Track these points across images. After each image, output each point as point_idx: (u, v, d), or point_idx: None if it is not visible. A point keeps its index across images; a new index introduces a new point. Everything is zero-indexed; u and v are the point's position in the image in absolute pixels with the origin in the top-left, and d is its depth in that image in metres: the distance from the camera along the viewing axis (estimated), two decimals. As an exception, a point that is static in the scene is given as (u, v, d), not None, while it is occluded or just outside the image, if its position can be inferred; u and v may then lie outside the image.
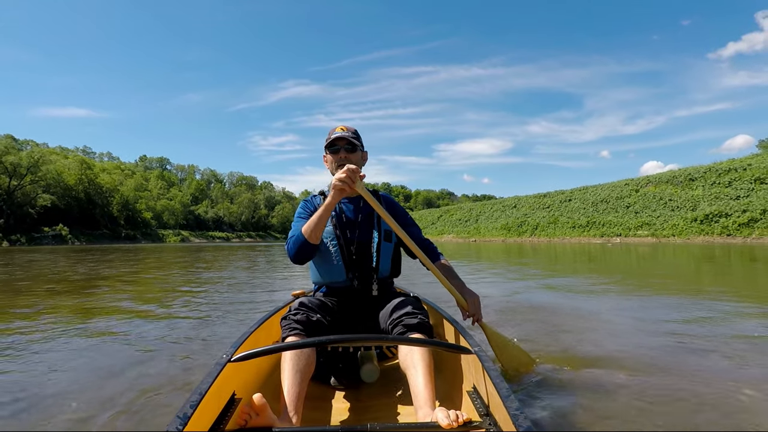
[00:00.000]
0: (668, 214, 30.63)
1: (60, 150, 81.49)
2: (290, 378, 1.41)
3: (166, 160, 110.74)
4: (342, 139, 1.87)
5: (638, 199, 34.60)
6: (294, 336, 1.56)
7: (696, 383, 2.09)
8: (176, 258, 16.12)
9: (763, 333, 3.06)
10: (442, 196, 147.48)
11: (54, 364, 2.56)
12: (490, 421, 1.24)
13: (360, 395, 1.84)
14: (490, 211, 53.54)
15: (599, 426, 1.64)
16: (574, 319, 3.72)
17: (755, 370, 2.29)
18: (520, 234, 42.53)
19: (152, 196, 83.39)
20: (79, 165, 64.52)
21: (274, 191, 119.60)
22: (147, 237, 69.99)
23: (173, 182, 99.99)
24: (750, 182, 27.90)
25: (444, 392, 1.70)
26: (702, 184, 31.06)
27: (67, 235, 55.64)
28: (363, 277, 1.84)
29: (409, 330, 1.61)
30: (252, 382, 1.64)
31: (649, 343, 2.84)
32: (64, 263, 12.86)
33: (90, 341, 3.08)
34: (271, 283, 6.91)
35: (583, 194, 41.42)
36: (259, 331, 1.79)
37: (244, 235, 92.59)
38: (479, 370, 1.40)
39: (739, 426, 1.66)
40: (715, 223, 26.82)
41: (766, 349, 2.67)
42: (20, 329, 3.47)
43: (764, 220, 24.46)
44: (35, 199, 55.76)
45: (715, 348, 2.69)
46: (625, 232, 32.12)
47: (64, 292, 6.03)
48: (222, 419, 1.24)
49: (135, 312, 4.28)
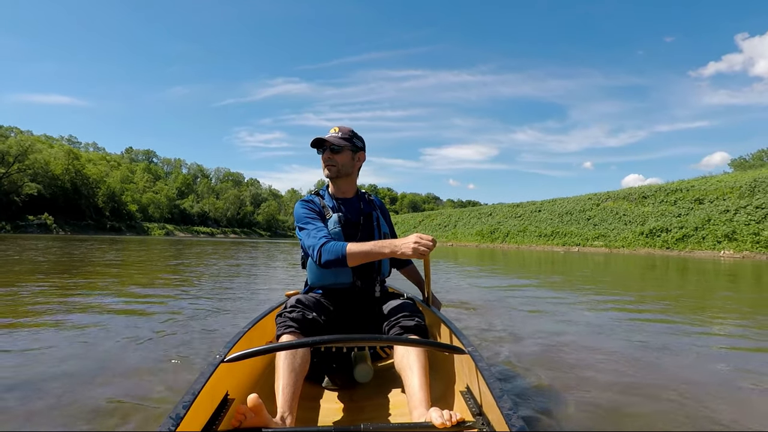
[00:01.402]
0: (621, 228, 34.50)
1: (45, 138, 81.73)
2: (285, 378, 1.42)
3: (153, 153, 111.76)
4: (325, 140, 1.87)
5: (598, 213, 38.52)
6: (289, 334, 1.58)
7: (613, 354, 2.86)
8: (178, 254, 17.28)
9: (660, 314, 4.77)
10: (428, 200, 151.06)
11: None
12: (483, 421, 1.26)
13: (354, 395, 1.85)
14: (467, 217, 57.29)
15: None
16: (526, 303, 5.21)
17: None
18: (492, 240, 46.18)
19: (138, 188, 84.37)
20: (66, 155, 65.46)
21: (261, 188, 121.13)
22: (132, 229, 71.35)
23: (159, 175, 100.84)
24: (691, 202, 31.89)
25: (438, 392, 1.71)
26: (652, 201, 35.04)
27: (52, 224, 56.87)
28: (367, 278, 1.88)
29: (407, 332, 1.65)
30: (245, 383, 1.64)
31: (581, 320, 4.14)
32: (67, 250, 15.00)
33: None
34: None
35: (551, 206, 45.34)
36: (252, 331, 1.81)
37: (229, 231, 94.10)
38: (473, 371, 1.43)
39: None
40: (657, 237, 30.70)
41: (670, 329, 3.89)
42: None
43: (696, 236, 28.35)
44: (22, 187, 56.66)
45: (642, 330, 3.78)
46: (583, 242, 35.89)
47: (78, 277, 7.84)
48: (215, 420, 1.25)
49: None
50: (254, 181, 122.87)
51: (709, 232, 27.74)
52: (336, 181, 1.95)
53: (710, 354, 3.12)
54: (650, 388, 2.30)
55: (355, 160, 1.95)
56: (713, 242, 27.06)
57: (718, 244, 26.69)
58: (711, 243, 27.12)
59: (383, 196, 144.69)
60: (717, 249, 26.44)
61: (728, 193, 30.13)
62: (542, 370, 2.51)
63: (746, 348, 3.32)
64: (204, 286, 6.27)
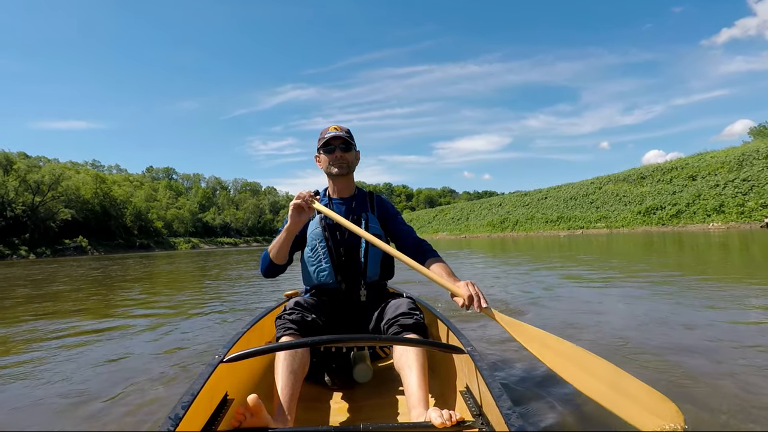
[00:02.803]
0: (621, 209, 36.58)
1: (71, 165, 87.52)
2: (284, 378, 1.45)
3: (172, 170, 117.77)
4: (337, 138, 1.88)
5: (600, 196, 40.59)
6: (289, 336, 1.60)
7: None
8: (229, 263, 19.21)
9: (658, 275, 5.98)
10: (444, 194, 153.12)
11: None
12: (482, 421, 1.27)
13: (353, 395, 1.88)
14: (479, 209, 59.79)
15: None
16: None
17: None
18: (503, 229, 48.61)
19: (162, 205, 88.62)
20: (94, 179, 70.55)
21: (278, 196, 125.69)
22: (159, 245, 75.13)
23: (180, 191, 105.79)
24: (685, 179, 33.78)
25: (437, 392, 1.73)
26: (650, 181, 36.98)
27: (86, 246, 61.14)
28: (351, 280, 1.87)
29: (405, 330, 1.65)
30: (245, 383, 1.67)
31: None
32: (129, 267, 17.51)
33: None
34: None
35: (557, 192, 47.54)
36: (251, 332, 1.84)
37: (251, 240, 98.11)
38: (472, 370, 1.44)
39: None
40: (653, 215, 32.76)
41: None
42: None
43: (688, 212, 30.36)
44: (57, 213, 60.98)
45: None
46: (587, 225, 38.06)
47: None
48: (214, 420, 1.27)
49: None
50: (271, 189, 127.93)
51: (699, 207, 29.80)
52: (338, 180, 1.95)
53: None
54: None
55: (356, 158, 1.98)
56: (703, 216, 29.10)
57: (708, 217, 28.72)
58: (701, 217, 29.17)
59: (399, 193, 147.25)
60: (707, 222, 28.45)
61: (719, 169, 31.97)
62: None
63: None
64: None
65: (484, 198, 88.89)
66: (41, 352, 3.22)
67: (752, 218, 26.05)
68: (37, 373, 2.71)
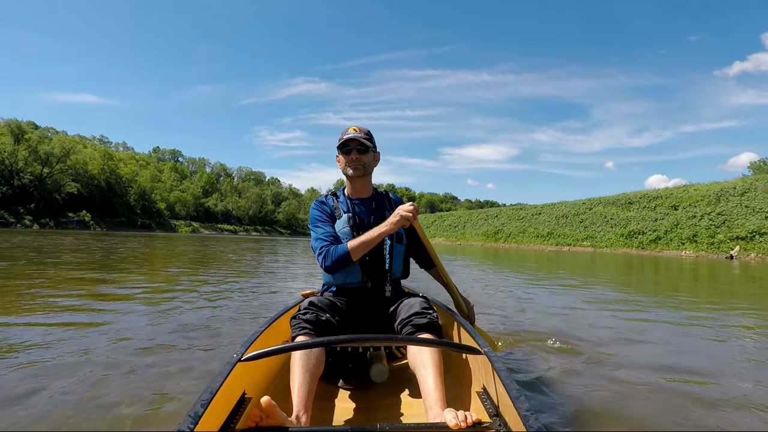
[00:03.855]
0: (607, 230, 39.03)
1: (79, 138, 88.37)
2: (300, 377, 1.48)
3: (179, 153, 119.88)
4: (354, 140, 1.95)
5: (589, 216, 43.06)
6: (303, 336, 1.63)
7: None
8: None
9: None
10: (446, 199, 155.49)
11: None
12: (500, 422, 1.27)
13: (369, 395, 1.91)
14: (476, 219, 62.35)
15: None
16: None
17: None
18: (496, 240, 51.12)
19: (166, 187, 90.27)
20: (102, 155, 71.74)
21: (281, 188, 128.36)
22: (161, 227, 76.87)
23: (185, 174, 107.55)
24: (667, 208, 36.22)
25: (453, 393, 1.73)
26: (636, 207, 39.42)
27: (89, 221, 62.47)
28: (377, 278, 1.94)
29: (419, 330, 1.68)
30: (262, 382, 1.70)
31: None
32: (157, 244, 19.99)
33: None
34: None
35: (551, 209, 50.02)
36: (269, 331, 1.86)
37: (251, 229, 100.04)
38: (489, 371, 1.45)
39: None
40: (635, 238, 35.22)
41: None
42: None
43: (665, 238, 32.84)
44: (65, 186, 62.25)
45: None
46: (574, 243, 40.53)
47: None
48: (232, 419, 1.29)
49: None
50: (275, 180, 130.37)
51: (675, 235, 32.25)
52: (355, 180, 2.03)
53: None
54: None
55: (374, 160, 2.06)
56: (678, 243, 31.54)
57: (682, 245, 31.16)
58: (676, 244, 31.61)
59: (401, 195, 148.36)
60: (680, 249, 30.90)
61: (698, 201, 34.44)
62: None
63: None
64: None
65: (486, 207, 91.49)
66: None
67: (720, 249, 28.49)
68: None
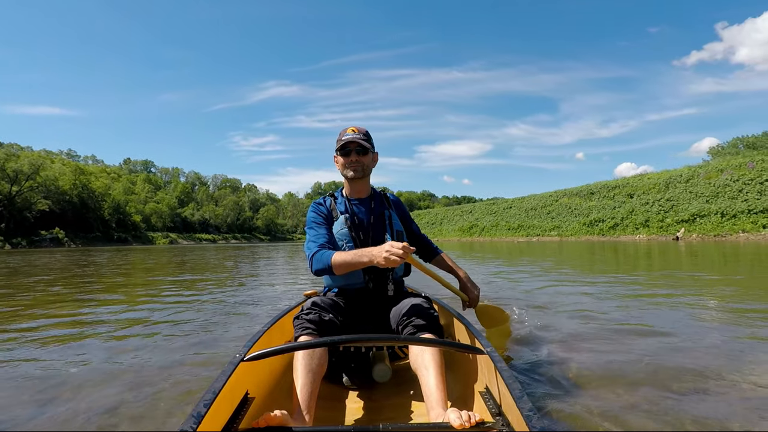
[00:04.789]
0: (571, 220, 42.34)
1: (45, 153, 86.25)
2: (302, 377, 1.50)
3: (151, 163, 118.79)
4: (353, 142, 1.98)
5: (555, 208, 46.43)
6: (306, 335, 1.65)
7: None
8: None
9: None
10: (423, 197, 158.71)
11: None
12: (502, 422, 1.28)
13: (372, 395, 1.93)
14: (452, 215, 65.59)
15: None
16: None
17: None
18: (471, 234, 54.13)
19: (140, 199, 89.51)
20: (73, 170, 70.97)
21: (258, 194, 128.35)
22: (137, 239, 76.09)
23: (159, 185, 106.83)
24: (624, 197, 39.76)
25: (456, 392, 1.78)
26: (597, 197, 42.91)
27: (63, 238, 61.33)
28: (378, 278, 1.96)
29: (420, 330, 1.70)
30: (265, 382, 1.71)
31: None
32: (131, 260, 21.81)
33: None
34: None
35: (520, 203, 53.41)
36: (272, 331, 1.90)
37: (230, 237, 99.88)
38: (492, 371, 1.46)
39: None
40: (596, 226, 38.55)
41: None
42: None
43: (622, 225, 36.24)
44: (36, 204, 61.08)
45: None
46: (542, 233, 43.69)
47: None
48: (235, 418, 1.31)
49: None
50: (252, 186, 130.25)
51: (631, 221, 35.66)
52: (353, 182, 2.05)
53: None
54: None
55: (373, 160, 2.10)
56: (633, 229, 34.93)
57: (637, 230, 34.54)
58: (632, 229, 35.00)
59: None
60: (635, 234, 34.27)
61: (651, 189, 38.02)
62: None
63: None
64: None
65: (463, 203, 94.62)
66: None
67: (668, 232, 31.87)
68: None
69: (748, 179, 30.80)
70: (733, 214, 28.75)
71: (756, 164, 31.79)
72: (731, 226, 28.06)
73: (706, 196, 32.36)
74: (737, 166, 33.19)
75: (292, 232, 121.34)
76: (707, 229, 29.28)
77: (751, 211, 28.05)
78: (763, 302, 4.52)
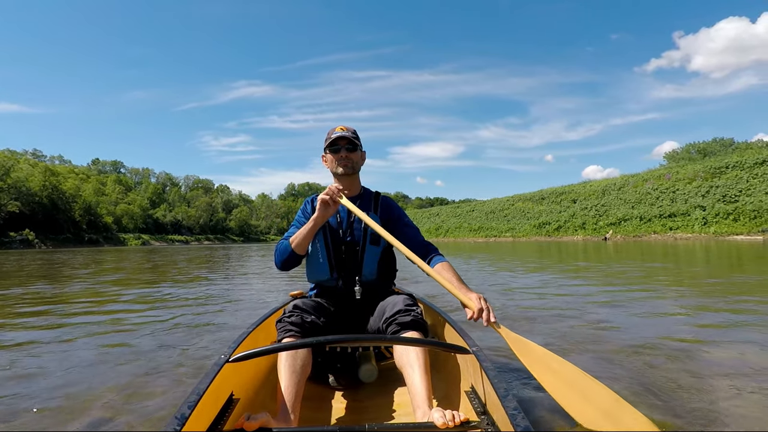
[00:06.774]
0: (524, 222, 48.22)
1: (9, 153, 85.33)
2: (287, 378, 1.52)
3: (120, 164, 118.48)
4: (343, 138, 2.01)
5: (511, 211, 52.35)
6: (289, 338, 1.67)
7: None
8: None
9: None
10: (397, 199, 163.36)
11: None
12: (487, 421, 1.31)
13: (358, 395, 1.96)
14: (420, 218, 71.17)
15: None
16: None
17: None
18: (437, 235, 59.54)
19: (111, 200, 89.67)
20: (43, 171, 71.31)
21: (231, 194, 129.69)
22: (109, 241, 76.63)
23: (130, 186, 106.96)
24: (568, 202, 45.87)
25: (442, 392, 1.80)
26: (547, 202, 48.92)
27: (33, 239, 61.58)
28: (347, 278, 1.96)
29: (403, 328, 1.71)
30: (250, 383, 1.73)
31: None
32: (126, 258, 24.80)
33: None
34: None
35: (482, 206, 59.39)
36: (257, 332, 1.92)
37: (203, 238, 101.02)
38: (477, 370, 1.49)
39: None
40: (543, 228, 44.45)
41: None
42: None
43: (564, 227, 42.21)
44: (5, 205, 61.02)
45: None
46: (498, 234, 49.39)
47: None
48: (220, 419, 1.32)
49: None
50: (224, 187, 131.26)
51: (571, 224, 41.64)
52: (343, 179, 2.06)
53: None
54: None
55: (362, 158, 2.13)
56: (573, 230, 40.89)
57: (575, 231, 40.47)
58: (572, 231, 40.95)
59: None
60: (574, 235, 40.16)
61: (590, 196, 44.18)
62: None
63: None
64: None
65: (436, 205, 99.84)
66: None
67: (599, 233, 37.87)
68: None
69: (665, 188, 37.06)
70: (649, 219, 34.88)
71: (672, 175, 38.09)
72: (646, 228, 34.16)
73: (631, 203, 38.55)
74: (658, 177, 39.47)
75: (265, 233, 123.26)
76: (629, 230, 35.35)
77: (662, 215, 34.22)
78: (665, 283, 6.64)
